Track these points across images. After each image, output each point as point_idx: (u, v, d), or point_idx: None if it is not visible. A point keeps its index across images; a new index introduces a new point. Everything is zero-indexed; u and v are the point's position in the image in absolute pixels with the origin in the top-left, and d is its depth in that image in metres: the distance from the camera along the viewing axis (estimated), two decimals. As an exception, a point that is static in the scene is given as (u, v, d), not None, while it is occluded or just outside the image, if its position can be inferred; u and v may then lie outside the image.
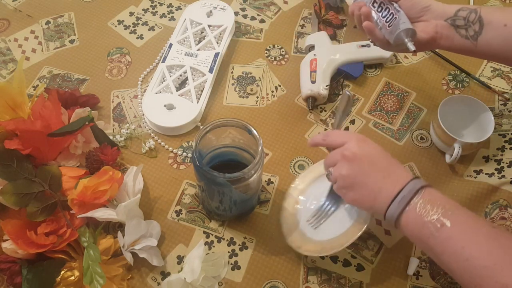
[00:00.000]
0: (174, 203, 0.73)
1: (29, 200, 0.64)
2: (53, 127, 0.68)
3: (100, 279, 0.59)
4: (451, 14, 0.64)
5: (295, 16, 0.94)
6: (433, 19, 0.64)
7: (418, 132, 0.80)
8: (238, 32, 0.92)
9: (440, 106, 0.75)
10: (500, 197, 0.72)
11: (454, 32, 0.64)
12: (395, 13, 0.65)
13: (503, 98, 0.83)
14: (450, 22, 0.64)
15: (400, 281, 0.67)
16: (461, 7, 0.63)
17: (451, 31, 0.64)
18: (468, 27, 0.63)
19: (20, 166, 0.66)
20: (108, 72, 0.86)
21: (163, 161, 0.77)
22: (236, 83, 0.85)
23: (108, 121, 0.80)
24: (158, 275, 0.67)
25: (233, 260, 0.68)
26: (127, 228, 0.64)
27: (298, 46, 0.90)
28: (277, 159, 0.77)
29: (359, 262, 0.69)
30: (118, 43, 0.90)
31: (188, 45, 0.87)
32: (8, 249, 0.62)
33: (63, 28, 0.92)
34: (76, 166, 0.72)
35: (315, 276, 0.67)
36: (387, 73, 0.87)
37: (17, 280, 0.63)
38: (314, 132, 0.80)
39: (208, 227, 0.71)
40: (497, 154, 0.77)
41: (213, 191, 0.64)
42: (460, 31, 0.63)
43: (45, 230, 0.63)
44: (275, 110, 0.82)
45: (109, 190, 0.64)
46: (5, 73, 0.86)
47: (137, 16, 0.93)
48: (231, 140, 0.66)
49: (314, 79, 0.80)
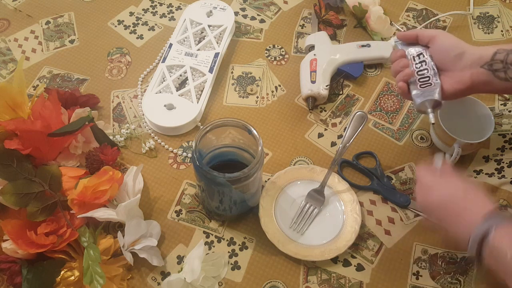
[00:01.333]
0: (174, 203, 0.73)
1: (29, 200, 0.64)
2: (53, 127, 0.68)
3: (100, 279, 0.59)
4: (487, 59, 0.61)
5: (295, 16, 0.94)
6: (468, 68, 0.62)
7: (418, 132, 0.80)
8: (238, 32, 0.92)
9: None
10: (500, 197, 0.72)
11: (493, 77, 0.61)
12: (433, 80, 0.64)
13: (503, 98, 0.83)
14: (487, 68, 0.61)
15: (400, 281, 0.67)
16: (497, 50, 0.61)
17: (489, 76, 0.61)
18: (507, 69, 0.60)
19: (20, 166, 0.66)
20: (108, 72, 0.86)
21: (163, 161, 0.77)
22: (236, 83, 0.85)
23: (108, 121, 0.80)
24: (158, 275, 0.67)
25: (233, 260, 0.68)
26: (127, 228, 0.64)
27: (298, 46, 0.90)
28: (277, 159, 0.77)
29: (359, 262, 0.69)
30: (118, 43, 0.90)
31: (188, 45, 0.87)
32: (8, 249, 0.62)
33: (63, 28, 0.92)
34: (76, 166, 0.72)
35: (315, 276, 0.67)
36: (387, 73, 0.87)
37: (17, 280, 0.63)
38: (314, 132, 0.80)
39: (208, 227, 0.71)
40: (497, 154, 0.77)
41: (213, 191, 0.64)
42: (498, 74, 0.61)
43: (45, 230, 0.63)
44: (275, 110, 0.82)
45: (109, 190, 0.64)
46: (5, 73, 0.86)
47: (137, 16, 0.93)
48: (231, 140, 0.66)
49: (314, 79, 0.80)
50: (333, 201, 0.72)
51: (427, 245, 0.70)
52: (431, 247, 0.69)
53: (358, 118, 0.72)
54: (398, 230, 0.71)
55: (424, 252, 0.69)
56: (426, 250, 0.69)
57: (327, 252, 0.67)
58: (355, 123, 0.72)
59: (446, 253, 0.69)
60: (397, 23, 0.93)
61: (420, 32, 0.66)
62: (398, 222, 0.72)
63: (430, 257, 0.69)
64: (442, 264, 0.68)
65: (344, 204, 0.71)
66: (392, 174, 0.76)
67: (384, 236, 0.71)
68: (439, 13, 0.94)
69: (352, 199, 0.72)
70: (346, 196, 0.72)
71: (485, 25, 0.93)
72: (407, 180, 0.75)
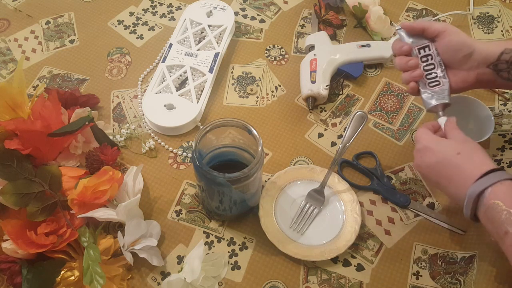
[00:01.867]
0: (174, 203, 0.73)
1: (29, 200, 0.64)
2: (53, 127, 0.68)
3: (100, 279, 0.59)
4: (494, 58, 0.61)
5: (295, 16, 0.94)
6: (475, 68, 0.62)
7: (418, 132, 0.80)
8: (238, 32, 0.92)
9: (440, 106, 0.75)
10: (500, 197, 0.72)
11: (496, 76, 0.62)
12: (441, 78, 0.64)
13: (503, 98, 0.83)
14: (492, 68, 0.62)
15: (400, 281, 0.67)
16: (504, 49, 0.61)
17: (494, 76, 0.62)
18: (511, 69, 0.61)
19: (20, 166, 0.66)
20: (108, 72, 0.86)
21: (163, 161, 0.77)
22: (236, 83, 0.85)
23: (108, 121, 0.80)
24: (158, 275, 0.67)
25: (233, 260, 0.68)
26: (127, 228, 0.64)
27: (298, 46, 0.90)
28: (277, 159, 0.77)
29: (359, 262, 0.69)
30: (118, 43, 0.90)
31: (188, 45, 0.87)
32: (8, 249, 0.62)
33: (63, 28, 0.92)
34: (76, 166, 0.72)
35: (315, 276, 0.67)
36: (387, 73, 0.87)
37: (17, 280, 0.63)
38: (314, 132, 0.80)
39: (208, 227, 0.71)
40: (497, 154, 0.77)
41: (213, 191, 0.64)
42: (502, 74, 0.61)
43: (45, 230, 0.63)
44: (275, 110, 0.82)
45: (109, 190, 0.64)
46: (5, 73, 0.86)
47: (137, 16, 0.93)
48: (231, 140, 0.66)
49: (314, 79, 0.80)
50: (333, 201, 0.72)
51: (427, 245, 0.70)
52: (431, 247, 0.69)
53: (358, 118, 0.72)
54: (398, 230, 0.71)
55: (424, 252, 0.69)
56: (426, 250, 0.69)
57: (327, 252, 0.67)
58: (355, 123, 0.72)
59: (446, 253, 0.69)
60: (397, 23, 0.93)
61: (427, 25, 0.65)
62: (398, 222, 0.72)
63: (430, 257, 0.69)
64: (442, 264, 0.68)
65: (344, 204, 0.71)
66: (392, 174, 0.76)
67: (384, 236, 0.71)
68: (439, 13, 0.94)
69: (352, 199, 0.72)
70: (346, 196, 0.72)
71: (485, 25, 0.93)
72: (407, 180, 0.75)
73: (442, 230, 0.71)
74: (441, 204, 0.73)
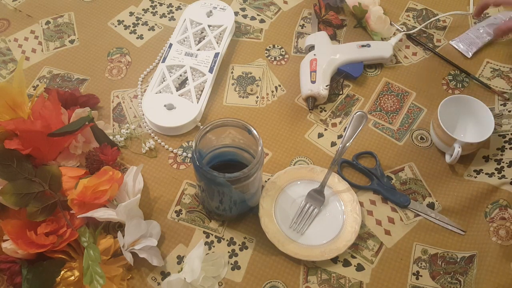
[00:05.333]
0: (174, 203, 0.73)
1: (29, 200, 0.64)
2: (53, 127, 0.68)
3: (100, 279, 0.59)
4: None
5: (295, 16, 0.94)
6: None
7: (418, 132, 0.80)
8: (238, 32, 0.92)
9: (440, 106, 0.75)
10: (500, 197, 0.72)
11: None
12: None
13: (503, 98, 0.83)
14: None
15: (400, 281, 0.67)
16: None
17: None
18: None
19: (20, 166, 0.66)
20: (108, 72, 0.86)
21: (163, 161, 0.77)
22: (236, 83, 0.85)
23: (108, 121, 0.80)
24: (158, 275, 0.67)
25: (233, 260, 0.68)
26: (127, 228, 0.64)
27: (298, 46, 0.90)
28: (277, 159, 0.77)
29: (359, 262, 0.69)
30: (118, 43, 0.90)
31: (188, 45, 0.87)
32: (8, 249, 0.62)
33: (63, 28, 0.92)
34: (76, 166, 0.72)
35: (315, 276, 0.67)
36: (387, 73, 0.87)
37: (17, 280, 0.63)
38: (314, 132, 0.80)
39: (208, 227, 0.71)
40: (497, 154, 0.77)
41: (213, 191, 0.64)
42: None
43: (45, 230, 0.63)
44: (275, 110, 0.82)
45: (109, 190, 0.64)
46: (5, 73, 0.86)
47: (137, 16, 0.94)
48: (231, 140, 0.66)
49: (314, 79, 0.81)
50: (333, 201, 0.72)
51: (427, 245, 0.70)
52: (431, 247, 0.70)
53: (358, 118, 0.72)
54: (398, 230, 0.71)
55: (424, 252, 0.69)
56: (426, 250, 0.69)
57: (327, 252, 0.67)
58: (355, 123, 0.72)
59: (446, 253, 0.69)
60: (397, 23, 0.93)
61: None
62: (398, 222, 0.72)
63: (430, 257, 0.69)
64: (442, 264, 0.68)
65: (344, 204, 0.72)
66: (392, 174, 0.76)
67: (384, 236, 0.71)
68: (439, 13, 0.94)
69: (352, 199, 0.72)
70: (346, 196, 0.72)
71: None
72: (407, 180, 0.75)
73: (442, 230, 0.71)
74: (441, 204, 0.73)
